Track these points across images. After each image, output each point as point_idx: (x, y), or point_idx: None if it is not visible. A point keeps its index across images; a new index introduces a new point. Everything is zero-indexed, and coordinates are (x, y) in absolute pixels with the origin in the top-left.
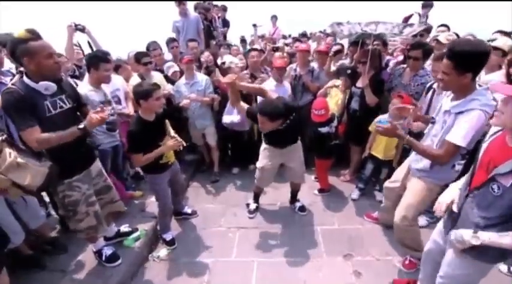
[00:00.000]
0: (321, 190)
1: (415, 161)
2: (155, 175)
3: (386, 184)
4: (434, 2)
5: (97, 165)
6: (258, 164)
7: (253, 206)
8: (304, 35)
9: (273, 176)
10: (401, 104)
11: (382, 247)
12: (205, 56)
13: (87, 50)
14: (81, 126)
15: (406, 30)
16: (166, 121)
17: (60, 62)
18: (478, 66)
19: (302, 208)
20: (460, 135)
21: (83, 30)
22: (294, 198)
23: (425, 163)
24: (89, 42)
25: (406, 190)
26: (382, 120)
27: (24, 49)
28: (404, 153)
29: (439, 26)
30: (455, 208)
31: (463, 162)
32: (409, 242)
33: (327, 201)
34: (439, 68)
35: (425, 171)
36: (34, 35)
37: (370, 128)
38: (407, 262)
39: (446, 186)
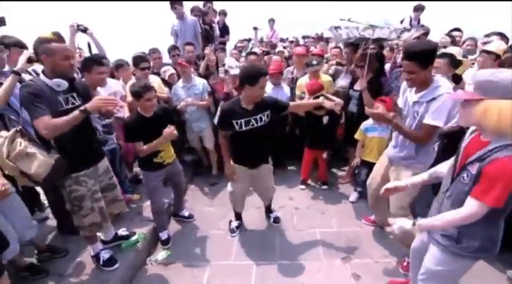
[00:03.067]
0: (302, 182)
1: (396, 151)
2: (148, 172)
3: (368, 182)
4: (435, 2)
5: (105, 162)
6: (228, 187)
7: (234, 224)
8: (320, 37)
9: (245, 198)
10: (384, 109)
11: (380, 249)
12: (208, 53)
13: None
14: (82, 107)
15: (404, 35)
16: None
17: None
18: (433, 59)
19: (276, 219)
20: (435, 116)
21: (85, 31)
22: (268, 210)
23: (409, 150)
24: (88, 44)
25: (394, 182)
26: (367, 126)
27: (45, 48)
28: None
29: (451, 31)
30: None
31: (437, 143)
32: (406, 238)
33: (325, 203)
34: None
35: (412, 158)
36: (58, 37)
37: (356, 136)
38: (405, 263)
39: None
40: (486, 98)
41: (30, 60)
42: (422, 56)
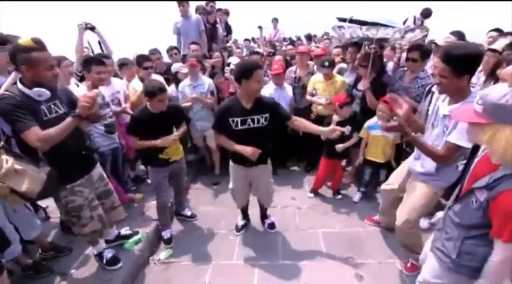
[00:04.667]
0: (312, 190)
1: (416, 165)
2: (153, 168)
3: (383, 187)
4: (435, 2)
5: (98, 169)
6: (230, 184)
7: (240, 223)
8: (309, 37)
9: (248, 194)
10: (387, 109)
11: (383, 250)
12: (216, 56)
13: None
14: (74, 113)
15: (407, 35)
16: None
17: (63, 66)
18: (474, 69)
19: (272, 226)
20: (461, 135)
21: (92, 29)
22: (263, 215)
23: (429, 166)
24: (99, 42)
25: (408, 194)
26: (371, 124)
27: (25, 58)
28: (397, 152)
29: (490, 31)
30: None
31: (464, 162)
32: (410, 244)
33: (328, 203)
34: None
35: (431, 175)
36: (39, 45)
37: (361, 134)
38: (409, 264)
39: (449, 188)
40: (494, 122)
41: None
42: (459, 62)
